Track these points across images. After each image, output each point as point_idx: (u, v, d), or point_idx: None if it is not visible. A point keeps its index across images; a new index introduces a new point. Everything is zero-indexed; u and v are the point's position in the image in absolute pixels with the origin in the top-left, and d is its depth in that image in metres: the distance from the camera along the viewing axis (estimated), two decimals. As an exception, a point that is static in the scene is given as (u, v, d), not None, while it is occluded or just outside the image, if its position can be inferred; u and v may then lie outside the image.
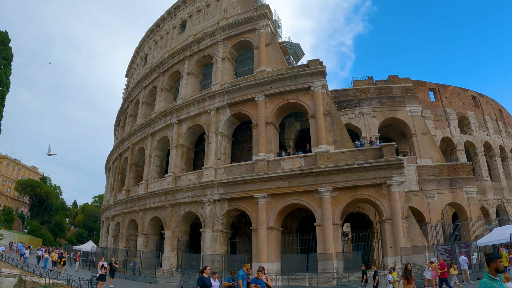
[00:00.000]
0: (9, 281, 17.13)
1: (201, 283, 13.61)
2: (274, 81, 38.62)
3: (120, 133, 65.72)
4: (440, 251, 27.74)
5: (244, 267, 15.27)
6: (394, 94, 44.90)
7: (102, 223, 66.35)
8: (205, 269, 14.46)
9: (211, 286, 13.98)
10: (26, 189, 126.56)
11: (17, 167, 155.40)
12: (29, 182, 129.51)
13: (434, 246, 31.47)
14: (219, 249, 37.24)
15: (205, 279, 13.80)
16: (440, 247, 28.30)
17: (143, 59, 62.93)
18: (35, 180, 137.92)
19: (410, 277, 14.62)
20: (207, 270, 14.44)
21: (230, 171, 38.64)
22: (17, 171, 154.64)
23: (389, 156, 33.18)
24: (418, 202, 38.85)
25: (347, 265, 30.60)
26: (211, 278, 14.51)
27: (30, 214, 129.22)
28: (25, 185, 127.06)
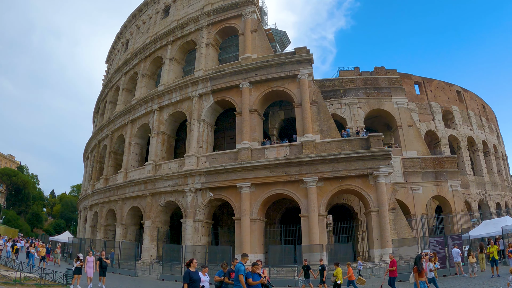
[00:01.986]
0: None
1: (188, 279, 11.88)
2: (260, 68, 37.56)
3: (99, 120, 63.89)
4: (433, 243, 27.07)
5: (243, 260, 12.93)
6: (381, 86, 44.30)
7: (80, 213, 64.60)
8: (191, 262, 12.71)
9: (200, 281, 12.43)
10: (3, 178, 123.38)
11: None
12: (5, 171, 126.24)
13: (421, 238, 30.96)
14: (201, 240, 36.15)
15: (192, 273, 12.11)
16: (433, 239, 27.62)
17: (124, 45, 61.09)
18: (11, 169, 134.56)
19: (422, 269, 13.38)
20: (193, 263, 12.70)
21: (213, 159, 37.48)
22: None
23: (376, 147, 32.66)
24: (403, 195, 38.37)
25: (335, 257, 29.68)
26: (200, 272, 13.08)
27: (6, 204, 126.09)
28: (1, 174, 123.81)
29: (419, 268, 13.41)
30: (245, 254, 13.64)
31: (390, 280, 19.65)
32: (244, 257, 13.16)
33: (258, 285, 12.35)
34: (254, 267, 12.46)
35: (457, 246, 25.68)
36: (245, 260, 12.93)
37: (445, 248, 26.73)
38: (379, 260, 30.33)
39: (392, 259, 20.51)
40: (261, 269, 13.16)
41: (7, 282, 17.53)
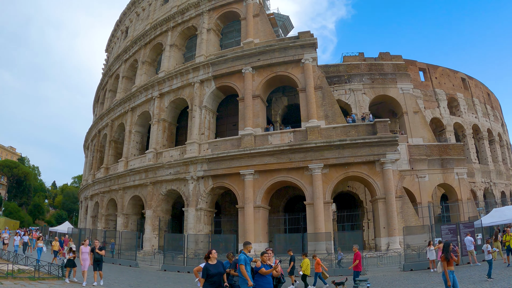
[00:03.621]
0: None
1: (205, 274, 10.62)
2: (263, 52, 36.60)
3: (99, 109, 63.04)
4: (444, 231, 26.13)
5: (245, 249, 11.45)
6: (386, 71, 43.38)
7: (81, 203, 64.03)
8: (210, 253, 11.15)
9: (220, 275, 10.92)
10: (3, 170, 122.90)
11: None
12: (6, 163, 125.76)
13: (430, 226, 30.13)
14: (203, 229, 35.40)
15: (211, 267, 10.76)
16: (445, 227, 26.66)
17: (124, 33, 60.10)
18: (12, 160, 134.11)
19: (451, 258, 12.22)
20: (213, 255, 11.10)
21: (215, 146, 36.61)
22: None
23: (383, 133, 31.81)
24: (409, 182, 37.69)
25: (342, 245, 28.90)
26: None
27: (7, 196, 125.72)
28: (2, 166, 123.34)
29: (447, 256, 12.15)
30: (247, 242, 11.79)
31: (355, 274, 18.20)
32: (247, 246, 11.53)
33: (269, 277, 11.00)
34: (263, 257, 11.04)
35: (469, 234, 24.71)
36: (247, 248, 11.40)
37: (457, 236, 25.82)
38: (386, 249, 29.61)
39: (355, 251, 18.90)
40: (272, 259, 12.11)
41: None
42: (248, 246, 11.50)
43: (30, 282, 16.58)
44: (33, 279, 17.17)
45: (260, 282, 10.72)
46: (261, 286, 10.65)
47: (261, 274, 10.75)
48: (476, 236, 25.53)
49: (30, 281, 16.91)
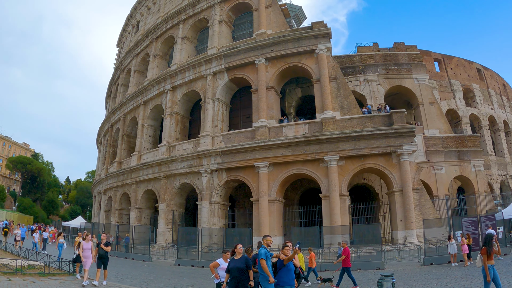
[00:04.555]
0: None
1: (227, 269, 10.44)
2: (276, 43, 36.05)
3: (111, 104, 63.04)
4: (465, 223, 25.45)
5: (264, 242, 10.66)
6: (401, 62, 42.60)
7: (94, 198, 64.27)
8: (235, 248, 10.79)
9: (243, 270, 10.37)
10: (17, 166, 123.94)
11: (7, 144, 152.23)
12: (20, 159, 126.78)
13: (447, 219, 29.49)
14: (217, 222, 35.08)
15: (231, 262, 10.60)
16: (465, 220, 25.98)
17: (135, 27, 59.90)
18: (26, 157, 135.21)
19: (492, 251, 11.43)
20: (238, 250, 10.72)
21: (229, 139, 36.21)
22: (7, 148, 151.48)
23: (399, 124, 31.12)
24: (426, 174, 36.99)
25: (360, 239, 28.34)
26: (221, 259, 11.51)
27: (22, 192, 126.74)
28: (16, 162, 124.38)
29: (489, 250, 11.31)
30: (267, 236, 11.00)
31: (342, 271, 17.55)
32: (266, 238, 10.74)
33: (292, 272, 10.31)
34: (284, 250, 10.34)
35: (491, 227, 24.02)
36: (266, 242, 10.64)
37: (478, 229, 25.14)
38: (403, 243, 29.00)
39: (344, 246, 18.19)
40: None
41: (7, 272, 16.46)
42: (267, 239, 10.73)
43: (39, 278, 16.28)
44: (43, 275, 16.86)
45: (283, 277, 10.07)
46: (285, 282, 10.02)
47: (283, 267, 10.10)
48: (498, 229, 24.83)
49: (39, 277, 16.62)
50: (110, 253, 33.68)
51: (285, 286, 9.98)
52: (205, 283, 19.05)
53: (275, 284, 9.88)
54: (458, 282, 16.35)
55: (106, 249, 16.94)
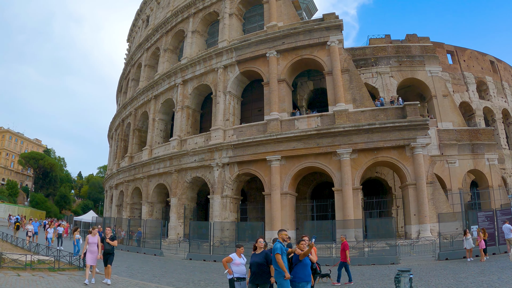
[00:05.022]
0: None
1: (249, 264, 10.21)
2: (287, 35, 35.66)
3: (122, 99, 63.11)
4: (481, 218, 24.97)
5: (279, 236, 10.16)
6: (413, 54, 42.00)
7: (106, 192, 64.52)
8: (256, 242, 10.51)
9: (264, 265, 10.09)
10: (30, 162, 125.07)
11: (20, 140, 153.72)
12: (32, 155, 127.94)
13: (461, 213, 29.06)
14: (229, 216, 34.94)
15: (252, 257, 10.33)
16: (481, 214, 25.47)
17: (145, 21, 59.77)
18: (38, 152, 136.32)
19: None
20: (258, 244, 10.49)
21: (240, 132, 35.98)
22: (20, 144, 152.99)
23: (413, 116, 30.60)
24: (439, 168, 36.47)
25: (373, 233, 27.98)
26: (235, 254, 11.09)
27: (34, 187, 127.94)
28: (28, 158, 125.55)
29: None
30: (282, 230, 10.56)
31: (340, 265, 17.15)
32: (281, 233, 10.28)
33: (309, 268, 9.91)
34: (300, 245, 10.02)
35: (507, 221, 23.50)
36: (282, 236, 10.18)
37: (494, 223, 24.66)
38: (417, 237, 28.56)
39: (343, 241, 17.78)
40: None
41: (16, 267, 16.26)
42: (283, 234, 10.29)
43: (49, 274, 16.09)
44: (52, 270, 16.68)
45: (299, 273, 9.68)
46: (300, 278, 9.62)
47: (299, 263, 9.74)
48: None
49: (49, 272, 16.43)
50: (122, 247, 33.90)
51: (301, 283, 9.59)
52: (217, 278, 18.87)
53: (291, 280, 9.52)
54: (475, 278, 15.96)
55: (112, 244, 15.60)
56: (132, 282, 16.18)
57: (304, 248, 9.81)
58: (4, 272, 15.16)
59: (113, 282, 15.60)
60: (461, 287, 14.36)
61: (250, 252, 11.27)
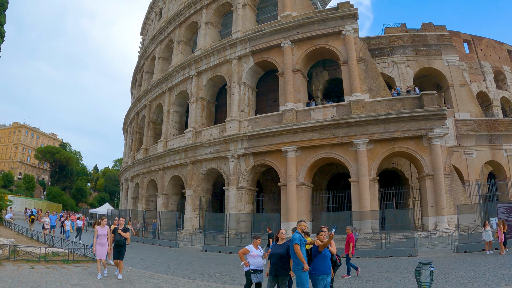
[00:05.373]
0: None
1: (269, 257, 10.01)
2: (301, 25, 35.23)
3: (136, 92, 63.26)
4: (501, 210, 24.36)
5: (298, 227, 9.73)
6: (429, 43, 41.29)
7: (122, 185, 64.99)
8: (279, 233, 10.51)
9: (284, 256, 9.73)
10: (46, 156, 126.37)
11: (36, 135, 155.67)
12: (48, 149, 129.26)
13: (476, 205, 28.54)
14: (245, 208, 34.86)
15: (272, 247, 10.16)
16: (501, 206, 24.74)
17: (158, 14, 59.71)
18: (54, 146, 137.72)
19: None
20: (280, 235, 10.39)
21: (255, 123, 35.81)
22: (36, 139, 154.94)
23: (430, 106, 30.02)
24: (456, 159, 35.89)
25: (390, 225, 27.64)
26: (251, 245, 10.78)
27: (51, 181, 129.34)
28: (44, 152, 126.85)
29: None
30: (301, 221, 10.12)
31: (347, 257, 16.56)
32: (300, 223, 9.83)
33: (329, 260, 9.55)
34: (320, 235, 9.72)
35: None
36: (301, 227, 9.72)
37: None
38: (434, 229, 28.16)
39: (348, 233, 17.18)
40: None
41: (30, 260, 16.22)
42: (302, 225, 9.79)
43: (63, 266, 15.96)
44: (67, 262, 16.58)
45: (318, 265, 9.30)
46: (320, 270, 9.25)
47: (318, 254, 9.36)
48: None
49: (63, 264, 16.33)
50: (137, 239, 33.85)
51: (320, 275, 9.21)
52: (233, 270, 18.66)
53: (310, 272, 9.18)
54: (496, 271, 15.57)
55: (124, 236, 14.69)
56: (147, 274, 16.03)
57: (324, 239, 9.50)
58: (18, 264, 15.16)
59: (128, 274, 15.45)
60: (482, 280, 13.96)
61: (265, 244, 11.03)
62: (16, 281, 12.06)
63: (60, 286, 12.04)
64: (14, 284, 11.55)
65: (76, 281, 13.04)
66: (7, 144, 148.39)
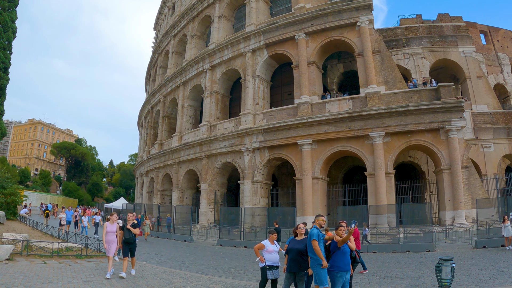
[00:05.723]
0: (4, 248, 14.42)
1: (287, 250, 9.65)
2: (315, 17, 34.80)
3: (150, 86, 63.47)
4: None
5: (316, 222, 9.39)
6: (446, 34, 40.56)
7: (137, 180, 65.42)
8: (297, 228, 9.96)
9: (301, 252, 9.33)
10: (62, 152, 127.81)
11: (51, 131, 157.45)
12: (64, 145, 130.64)
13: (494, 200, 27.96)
14: (260, 202, 34.75)
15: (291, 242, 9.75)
16: (521, 200, 24.52)
17: (171, 9, 59.62)
18: (70, 142, 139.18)
19: None
20: (299, 230, 9.83)
21: (270, 116, 35.59)
22: (51, 135, 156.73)
23: (447, 98, 29.45)
24: (474, 152, 35.22)
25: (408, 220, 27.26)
26: (267, 240, 10.46)
27: (67, 176, 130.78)
28: (60, 148, 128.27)
29: None
30: (319, 215, 9.75)
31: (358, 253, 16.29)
32: (318, 218, 9.47)
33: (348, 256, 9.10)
34: (339, 231, 9.20)
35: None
36: (319, 222, 9.38)
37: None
38: (451, 224, 27.70)
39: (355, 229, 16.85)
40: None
41: (43, 255, 16.13)
42: (320, 219, 9.43)
43: (76, 261, 15.84)
44: (80, 257, 16.46)
45: (337, 262, 8.86)
46: (339, 267, 8.81)
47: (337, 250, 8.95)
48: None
49: (76, 259, 16.22)
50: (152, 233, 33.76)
51: (339, 272, 8.78)
52: (248, 265, 18.43)
53: (328, 269, 8.79)
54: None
55: (134, 232, 13.77)
56: (160, 270, 15.78)
57: (343, 235, 9.07)
58: (30, 260, 15.07)
59: (141, 270, 15.22)
60: (503, 277, 13.58)
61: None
62: (27, 276, 11.95)
63: (71, 282, 11.88)
64: (25, 280, 11.44)
65: (88, 277, 12.88)
66: (23, 141, 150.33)
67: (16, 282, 11.00)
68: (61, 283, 11.60)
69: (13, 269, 12.90)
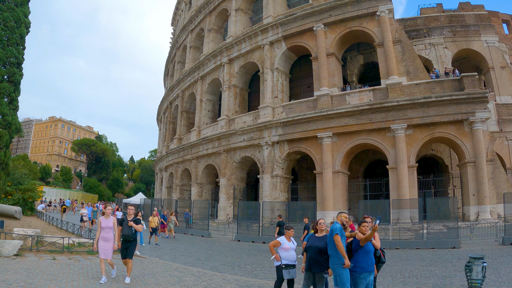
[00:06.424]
0: (12, 244, 14.24)
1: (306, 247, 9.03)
2: (334, 7, 34.06)
3: (169, 82, 63.61)
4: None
5: (338, 219, 8.78)
6: (467, 23, 39.40)
7: (156, 175, 65.87)
8: (317, 224, 9.26)
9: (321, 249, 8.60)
10: (82, 148, 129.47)
11: (72, 128, 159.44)
12: (84, 141, 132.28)
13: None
14: (279, 196, 34.36)
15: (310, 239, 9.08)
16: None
17: (188, 4, 59.52)
18: (90, 139, 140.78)
19: None
20: (319, 226, 9.11)
21: (289, 109, 35.12)
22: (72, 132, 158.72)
23: (470, 88, 28.47)
24: (498, 145, 34.15)
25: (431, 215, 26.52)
26: (285, 236, 9.80)
27: (87, 172, 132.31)
28: (80, 145, 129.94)
29: None
30: (342, 211, 9.40)
31: None
32: (341, 215, 8.92)
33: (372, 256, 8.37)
34: (362, 227, 8.46)
35: None
36: (341, 219, 8.74)
37: None
38: (476, 219, 26.84)
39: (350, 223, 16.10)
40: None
41: (54, 250, 15.97)
42: (343, 216, 8.86)
43: (86, 257, 15.53)
44: (91, 253, 16.10)
45: (360, 262, 8.16)
46: (362, 267, 8.09)
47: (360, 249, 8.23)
48: None
49: (87, 255, 15.92)
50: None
51: (362, 273, 8.07)
52: (265, 262, 17.89)
53: (350, 269, 8.08)
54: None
55: (136, 228, 11.67)
56: (173, 266, 15.13)
57: (366, 231, 8.30)
58: (40, 255, 14.88)
59: (152, 267, 14.69)
60: (536, 278, 12.74)
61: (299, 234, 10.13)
62: (31, 273, 11.57)
63: (76, 279, 11.34)
64: (28, 276, 11.06)
65: (95, 273, 12.38)
66: (44, 138, 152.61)
67: (19, 278, 10.67)
68: (65, 280, 11.10)
69: (19, 265, 12.65)
